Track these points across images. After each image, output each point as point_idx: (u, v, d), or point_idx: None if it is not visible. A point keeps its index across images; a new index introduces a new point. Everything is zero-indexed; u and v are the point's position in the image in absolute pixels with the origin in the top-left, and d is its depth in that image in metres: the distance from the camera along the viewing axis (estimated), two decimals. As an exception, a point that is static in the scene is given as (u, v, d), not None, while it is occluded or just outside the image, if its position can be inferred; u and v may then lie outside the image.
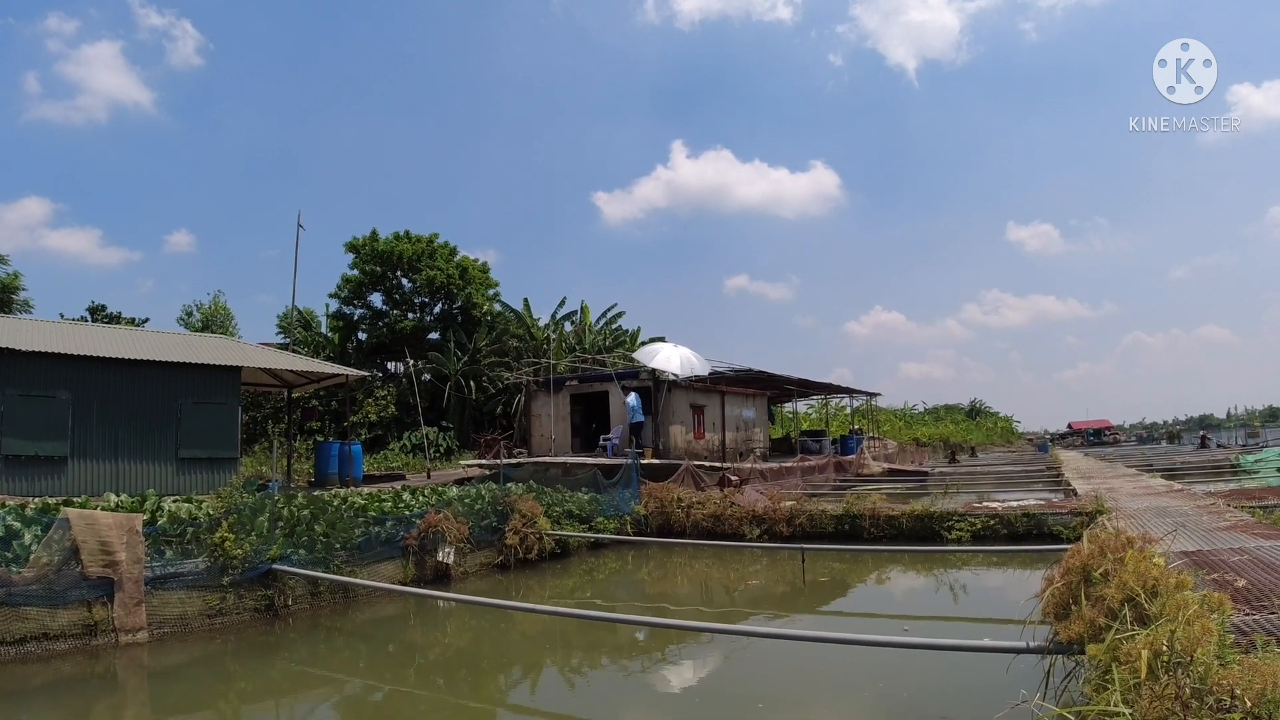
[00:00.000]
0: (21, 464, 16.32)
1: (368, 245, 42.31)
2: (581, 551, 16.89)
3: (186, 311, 47.00)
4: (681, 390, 26.49)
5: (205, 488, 17.18)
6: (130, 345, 19.75)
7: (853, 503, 17.03)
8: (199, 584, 10.68)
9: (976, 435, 79.60)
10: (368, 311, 43.68)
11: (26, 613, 9.22)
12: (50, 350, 17.15)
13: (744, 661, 9.24)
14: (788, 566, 14.99)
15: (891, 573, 15.10)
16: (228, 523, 11.15)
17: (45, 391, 16.87)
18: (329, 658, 10.17)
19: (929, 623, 11.04)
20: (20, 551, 9.55)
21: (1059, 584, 5.48)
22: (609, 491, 18.73)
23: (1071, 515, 14.70)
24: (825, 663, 8.55)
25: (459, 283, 42.52)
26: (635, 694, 8.57)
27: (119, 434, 17.70)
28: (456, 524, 14.07)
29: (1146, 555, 4.97)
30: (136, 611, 9.89)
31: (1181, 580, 4.50)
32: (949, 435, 68.16)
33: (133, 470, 17.71)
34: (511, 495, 15.91)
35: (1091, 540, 5.56)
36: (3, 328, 19.24)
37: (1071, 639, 4.90)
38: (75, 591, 9.62)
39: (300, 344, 42.23)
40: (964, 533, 15.38)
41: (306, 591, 11.75)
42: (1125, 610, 4.43)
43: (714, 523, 17.77)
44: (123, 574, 9.88)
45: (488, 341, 41.60)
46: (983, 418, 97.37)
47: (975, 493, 21.81)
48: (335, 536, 12.39)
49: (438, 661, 10.14)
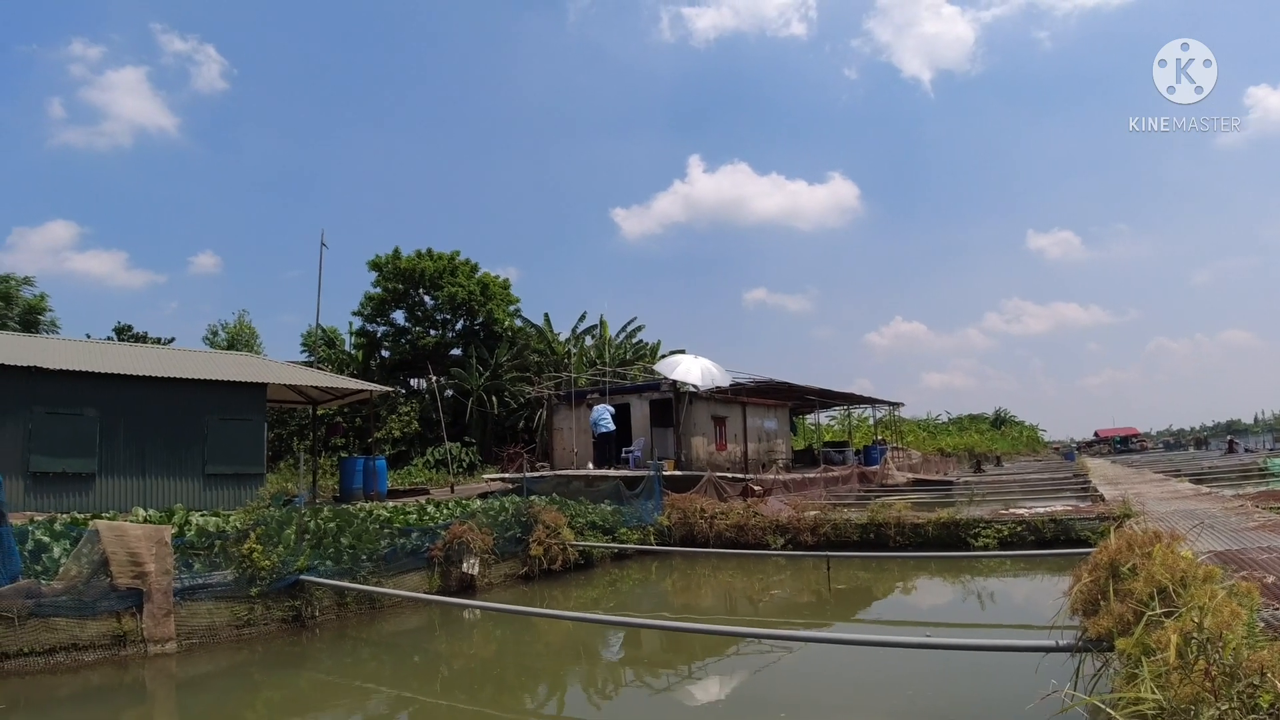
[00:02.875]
0: (49, 480, 16.56)
1: (390, 263, 42.69)
2: (605, 562, 16.88)
3: (212, 331, 47.67)
4: (703, 402, 26.47)
5: (231, 503, 17.35)
6: (157, 363, 20.02)
7: (878, 511, 16.88)
8: (227, 595, 10.76)
9: (1002, 445, 78.90)
10: (390, 328, 44.03)
11: (55, 623, 9.31)
12: (77, 369, 17.42)
13: (770, 673, 9.19)
14: (812, 576, 14.91)
15: (918, 580, 14.97)
16: (255, 534, 11.25)
17: (73, 409, 17.13)
18: (355, 668, 10.22)
19: (956, 629, 10.94)
20: (49, 565, 9.68)
21: (1087, 580, 5.43)
22: (631, 503, 18.72)
23: (1099, 519, 14.52)
24: (851, 672, 8.50)
25: (480, 299, 42.80)
26: (660, 704, 8.55)
27: (146, 450, 17.94)
28: (481, 535, 14.10)
29: (1174, 549, 4.92)
30: (165, 622, 9.98)
31: (1209, 572, 4.45)
32: (974, 445, 67.62)
33: (160, 486, 17.93)
34: (535, 507, 15.93)
35: (1120, 536, 5.51)
36: (30, 347, 19.58)
37: (1100, 634, 4.85)
38: (104, 602, 9.71)
39: (324, 361, 42.60)
40: (990, 539, 15.22)
41: (333, 602, 11.81)
42: (1154, 603, 4.38)
43: (737, 533, 17.69)
44: (152, 585, 9.98)
45: (509, 357, 41.78)
46: (1008, 427, 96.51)
47: (1002, 501, 21.60)
48: (361, 548, 12.47)
49: (462, 672, 10.16)
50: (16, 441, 16.40)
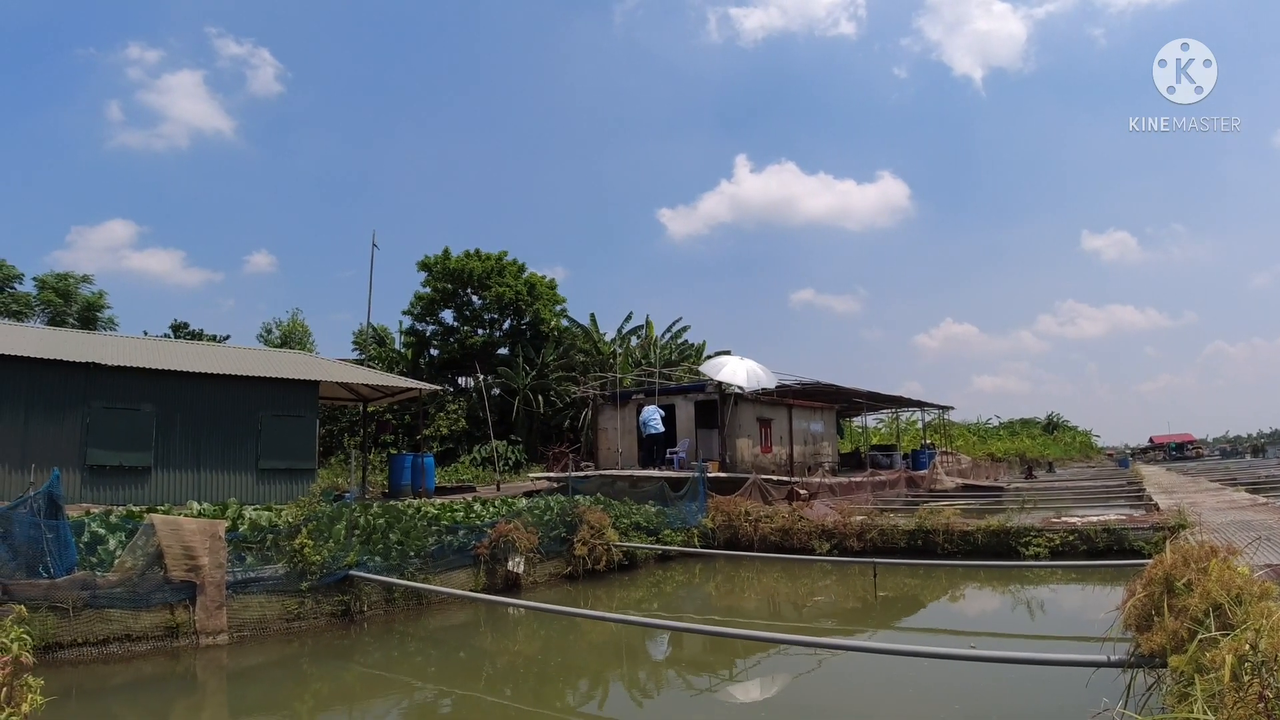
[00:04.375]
0: (106, 473, 17.02)
1: (439, 263, 43.16)
2: (649, 564, 16.90)
3: (266, 329, 48.52)
4: (748, 404, 26.36)
5: (284, 498, 17.67)
6: (212, 360, 20.47)
7: (926, 518, 16.68)
8: (278, 589, 10.97)
9: (1054, 450, 77.42)
10: (439, 328, 44.50)
11: (110, 614, 9.57)
12: (135, 365, 17.86)
13: (813, 678, 9.12)
14: (858, 582, 14.78)
15: (966, 589, 14.76)
16: (307, 530, 11.45)
17: (130, 404, 17.59)
18: (401, 662, 10.36)
19: (1005, 639, 10.77)
20: (105, 556, 9.94)
21: (1141, 595, 5.31)
22: (676, 504, 18.72)
23: (1153, 530, 14.22)
24: (896, 680, 8.40)
25: (527, 299, 43.07)
26: (701, 707, 8.55)
27: (201, 445, 18.36)
28: (526, 534, 14.21)
29: (1230, 564, 4.80)
30: (218, 615, 10.21)
31: (1266, 589, 4.34)
32: (1025, 450, 66.41)
33: (214, 480, 18.34)
34: (579, 507, 16.02)
35: (1174, 550, 5.38)
36: (88, 343, 20.12)
37: (1153, 650, 4.75)
38: (158, 595, 9.97)
39: (375, 360, 43.22)
40: (1042, 548, 14.96)
41: (381, 598, 11.99)
42: (1209, 620, 4.28)
43: (782, 536, 17.61)
44: (205, 578, 10.21)
45: (555, 356, 42.00)
46: (1060, 432, 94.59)
47: (1053, 508, 21.18)
48: (409, 544, 12.64)
49: (506, 669, 10.25)
50: (75, 435, 16.88)
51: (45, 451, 16.01)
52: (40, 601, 8.98)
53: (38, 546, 9.29)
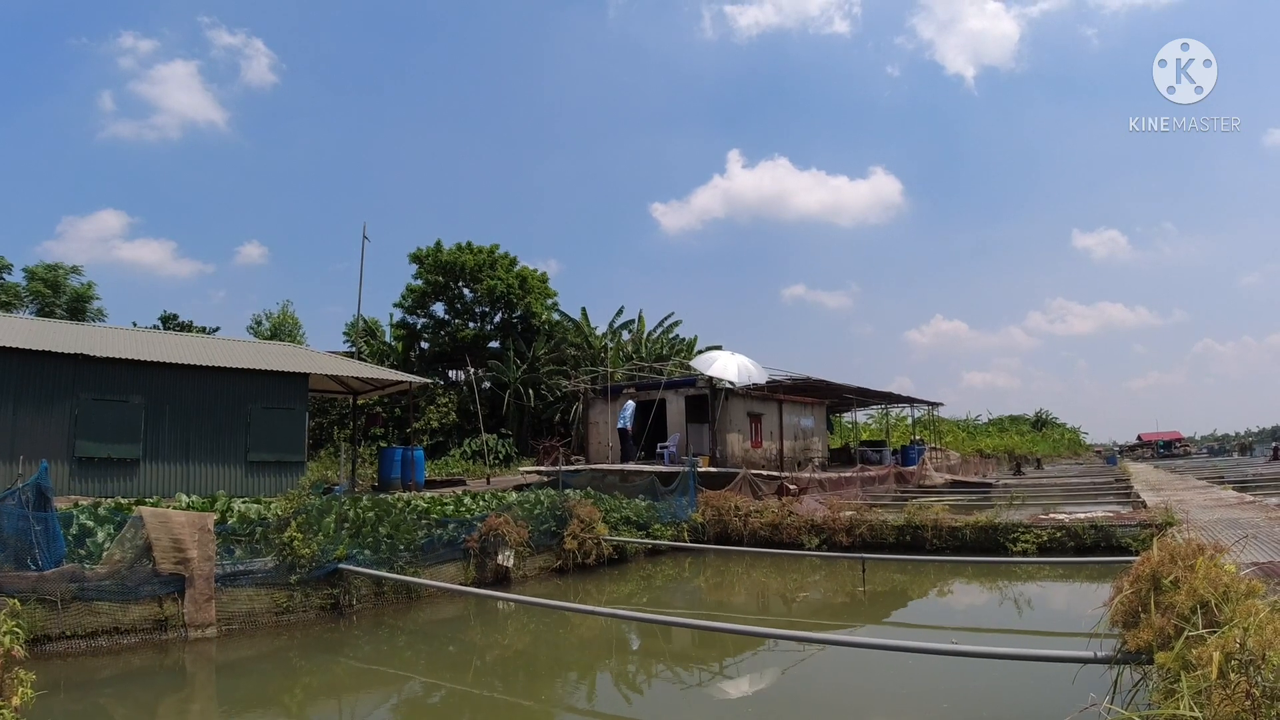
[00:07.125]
0: (94, 465, 16.92)
1: (431, 256, 43.08)
2: (639, 558, 16.93)
3: (256, 321, 48.36)
4: (739, 398, 26.40)
5: (273, 490, 17.62)
6: (202, 352, 20.35)
7: (914, 513, 16.75)
8: (267, 582, 10.96)
9: (1042, 447, 77.74)
10: (430, 321, 44.45)
11: (98, 607, 9.53)
12: (123, 356, 17.75)
13: (801, 673, 9.16)
14: (847, 577, 14.83)
15: (954, 585, 14.83)
16: (296, 523, 11.43)
17: (119, 396, 17.48)
18: (391, 656, 10.36)
19: (992, 635, 10.83)
20: (93, 549, 9.91)
21: (1128, 591, 5.34)
22: (666, 499, 18.73)
23: (1140, 527, 14.30)
24: (884, 675, 8.45)
25: (519, 292, 43.05)
26: (690, 701, 8.56)
27: (190, 437, 18.26)
28: (516, 528, 14.21)
29: (1217, 562, 4.83)
30: (206, 607, 10.19)
31: (1252, 587, 4.37)
32: (1014, 447, 66.63)
33: (203, 472, 18.26)
34: (570, 501, 16.02)
35: (1162, 547, 5.42)
36: (77, 334, 19.97)
37: (1140, 647, 4.79)
38: (147, 587, 9.94)
39: (365, 352, 43.10)
40: (1029, 544, 15.04)
41: (370, 591, 11.98)
42: (1196, 617, 4.31)
43: (772, 531, 17.65)
44: (194, 571, 10.19)
45: (546, 350, 41.99)
46: (1049, 429, 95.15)
47: (1041, 505, 21.28)
48: (399, 538, 12.62)
49: (496, 662, 10.26)
50: (63, 427, 16.77)
51: (33, 443, 15.87)
52: (28, 594, 8.94)
53: (26, 539, 9.24)
